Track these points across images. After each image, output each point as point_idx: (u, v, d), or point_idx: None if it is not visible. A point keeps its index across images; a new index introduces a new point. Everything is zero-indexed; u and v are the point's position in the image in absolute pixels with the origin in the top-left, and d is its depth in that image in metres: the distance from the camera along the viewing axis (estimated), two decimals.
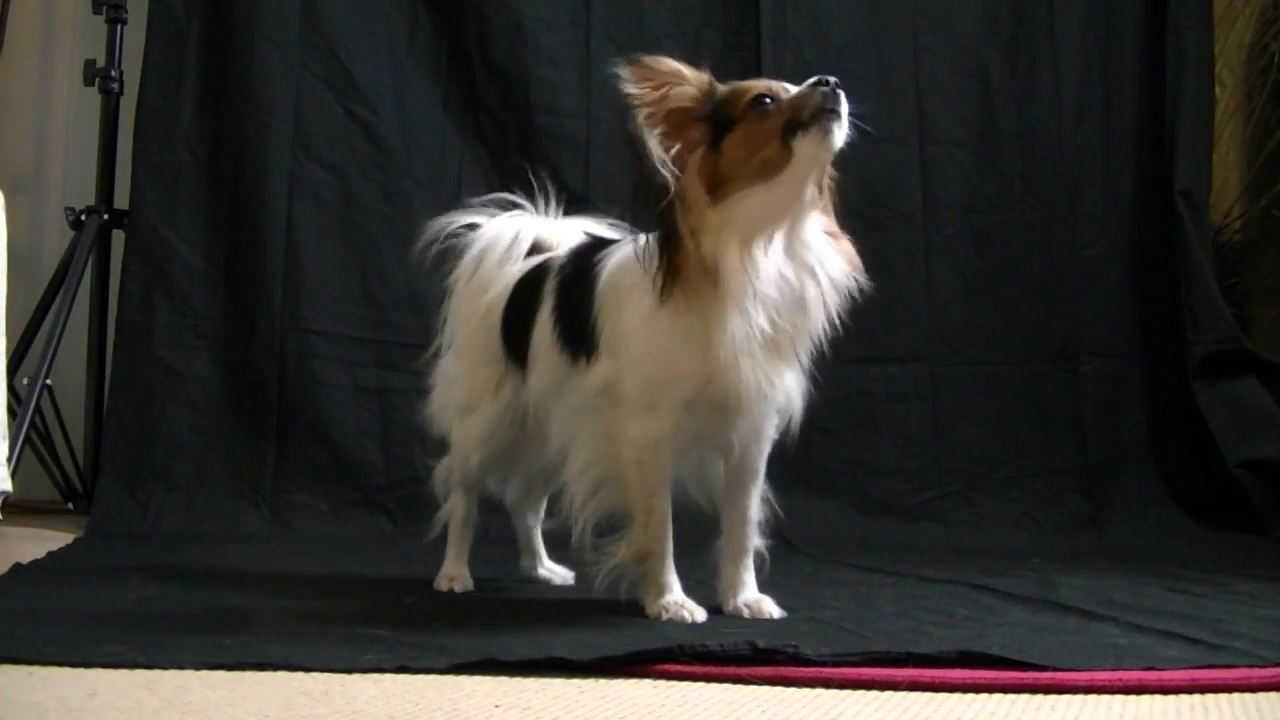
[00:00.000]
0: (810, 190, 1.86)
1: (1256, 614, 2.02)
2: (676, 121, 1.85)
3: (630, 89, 1.85)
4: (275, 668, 1.47)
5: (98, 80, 3.51)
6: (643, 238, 1.89)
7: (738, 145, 1.84)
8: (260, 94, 3.39)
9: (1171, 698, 1.44)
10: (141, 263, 3.33)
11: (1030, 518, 3.46)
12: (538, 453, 2.17)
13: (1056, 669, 1.51)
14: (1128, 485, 3.53)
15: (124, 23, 3.55)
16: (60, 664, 1.46)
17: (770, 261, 1.82)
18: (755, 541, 1.99)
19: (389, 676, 1.45)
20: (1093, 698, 1.43)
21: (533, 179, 2.35)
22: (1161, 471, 3.55)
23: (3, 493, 2.48)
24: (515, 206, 2.34)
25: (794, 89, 1.87)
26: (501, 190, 3.06)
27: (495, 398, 2.19)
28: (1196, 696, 1.45)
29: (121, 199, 3.47)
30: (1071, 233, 3.66)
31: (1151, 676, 1.49)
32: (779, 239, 1.83)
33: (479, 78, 3.51)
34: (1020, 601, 2.15)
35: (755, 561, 2.00)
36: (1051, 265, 3.66)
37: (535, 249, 2.26)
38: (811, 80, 1.84)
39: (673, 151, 1.83)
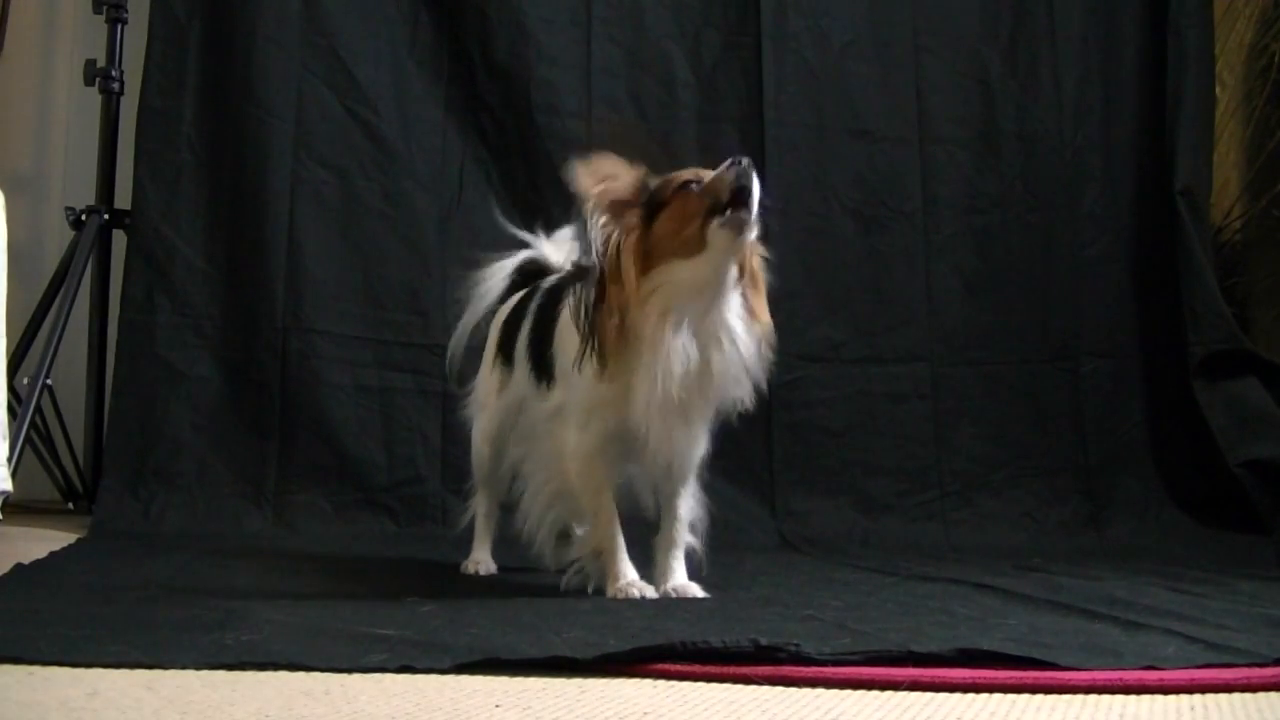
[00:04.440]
0: (731, 270, 2.07)
1: (1256, 614, 2.02)
2: (616, 210, 2.09)
3: (580, 183, 2.09)
4: (277, 667, 1.47)
5: (98, 80, 3.52)
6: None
7: (665, 223, 2.07)
8: (261, 94, 3.40)
9: (1171, 698, 1.44)
10: (143, 263, 3.33)
11: (1030, 518, 3.46)
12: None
13: (1057, 668, 1.51)
14: (1128, 485, 3.53)
15: (124, 22, 3.55)
16: (61, 664, 1.45)
17: (679, 339, 2.04)
18: (688, 538, 2.23)
19: (389, 676, 1.45)
20: (1093, 697, 1.43)
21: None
22: (1161, 471, 3.55)
23: (3, 493, 2.49)
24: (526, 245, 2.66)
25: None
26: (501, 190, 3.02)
27: (499, 398, 2.48)
28: (1196, 696, 1.44)
29: (122, 199, 3.47)
30: (1071, 233, 3.67)
31: (1151, 676, 1.49)
32: (692, 318, 2.05)
33: (480, 78, 3.52)
34: (1020, 601, 2.14)
35: (689, 555, 2.24)
36: (1051, 265, 3.66)
37: (544, 271, 2.56)
38: (727, 161, 2.03)
39: (614, 235, 2.06)
